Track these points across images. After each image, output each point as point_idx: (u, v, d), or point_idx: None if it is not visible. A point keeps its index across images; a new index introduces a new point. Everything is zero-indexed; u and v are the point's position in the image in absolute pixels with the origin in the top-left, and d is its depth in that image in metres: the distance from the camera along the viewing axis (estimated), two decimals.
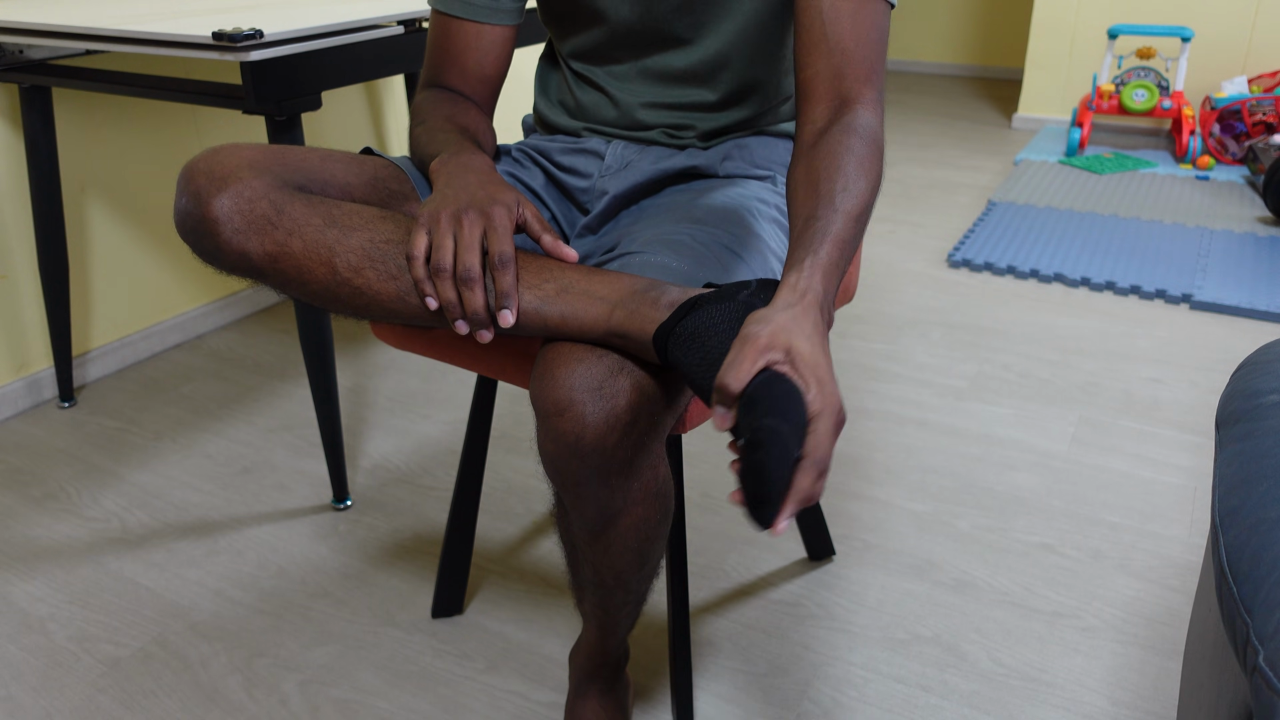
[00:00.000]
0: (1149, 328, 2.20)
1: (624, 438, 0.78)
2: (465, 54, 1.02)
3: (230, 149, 0.84)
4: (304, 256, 0.81)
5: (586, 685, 1.12)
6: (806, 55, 0.88)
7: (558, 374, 0.77)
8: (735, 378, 0.66)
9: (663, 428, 0.83)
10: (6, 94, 1.78)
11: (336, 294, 0.83)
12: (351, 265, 0.82)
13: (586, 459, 0.78)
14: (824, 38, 0.87)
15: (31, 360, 1.93)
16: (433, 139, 0.94)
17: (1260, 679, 0.57)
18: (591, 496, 0.82)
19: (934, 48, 5.09)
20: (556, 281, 0.81)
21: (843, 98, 0.86)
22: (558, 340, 0.81)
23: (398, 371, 2.04)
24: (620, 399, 0.77)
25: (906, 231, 2.83)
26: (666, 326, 0.75)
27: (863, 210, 0.79)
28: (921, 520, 1.54)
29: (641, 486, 0.84)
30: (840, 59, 0.86)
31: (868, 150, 0.82)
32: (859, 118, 0.84)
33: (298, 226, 0.81)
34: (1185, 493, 1.61)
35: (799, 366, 0.67)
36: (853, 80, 0.86)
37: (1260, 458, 0.71)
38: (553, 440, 0.78)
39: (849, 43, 0.86)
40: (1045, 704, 1.20)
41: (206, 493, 1.64)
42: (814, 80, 0.87)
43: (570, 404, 0.76)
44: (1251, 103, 3.29)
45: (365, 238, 0.82)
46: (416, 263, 0.80)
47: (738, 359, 0.67)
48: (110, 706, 1.21)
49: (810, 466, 0.65)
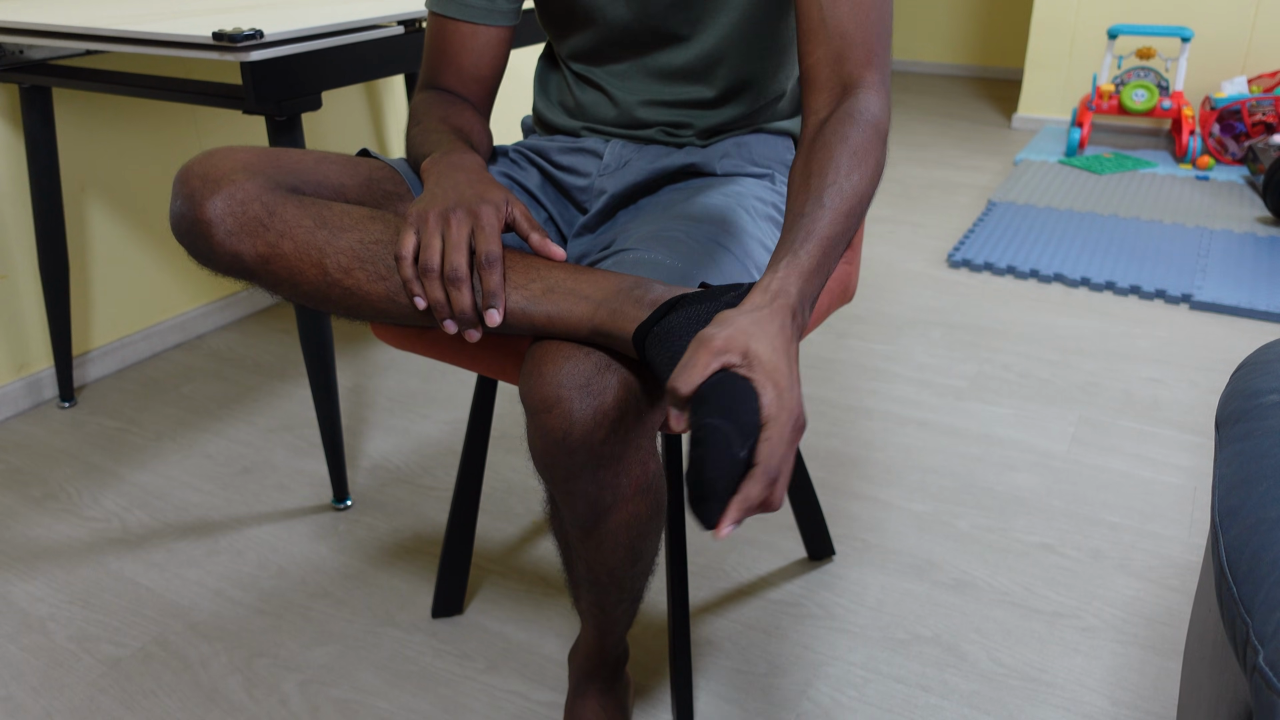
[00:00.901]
0: (1149, 328, 2.20)
1: (611, 434, 0.79)
2: (461, 55, 1.02)
3: (225, 152, 0.85)
4: (295, 258, 0.82)
5: (586, 685, 1.12)
6: (807, 43, 0.88)
7: (545, 371, 0.78)
8: (685, 380, 0.66)
9: (651, 424, 0.84)
10: (6, 94, 1.78)
11: (327, 295, 0.83)
12: (341, 266, 0.82)
13: (574, 454, 0.78)
14: (823, 23, 0.86)
15: (31, 360, 1.93)
16: (426, 139, 0.95)
17: (1260, 679, 0.58)
18: (581, 492, 0.82)
19: (934, 48, 5.09)
20: (543, 281, 0.81)
21: (845, 83, 0.86)
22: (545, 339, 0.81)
23: (398, 371, 2.04)
24: (607, 395, 0.78)
25: (906, 231, 2.83)
26: (646, 325, 0.76)
27: (855, 204, 0.79)
28: (921, 520, 1.54)
29: (631, 483, 0.84)
30: (840, 43, 0.86)
31: (864, 138, 0.81)
32: (860, 102, 0.84)
33: (289, 228, 0.82)
34: (1185, 493, 1.61)
35: (755, 370, 0.66)
36: (854, 64, 0.86)
37: (1260, 458, 0.71)
38: (541, 436, 0.79)
39: (848, 26, 0.86)
40: (1045, 704, 1.20)
41: (206, 493, 1.64)
42: (816, 68, 0.87)
43: (558, 400, 0.77)
44: (1251, 103, 3.29)
45: (355, 238, 0.83)
46: (404, 262, 0.80)
47: (690, 361, 0.67)
48: (110, 706, 1.21)
49: (760, 474, 0.64)
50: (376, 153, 1.22)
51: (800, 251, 0.75)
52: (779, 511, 1.57)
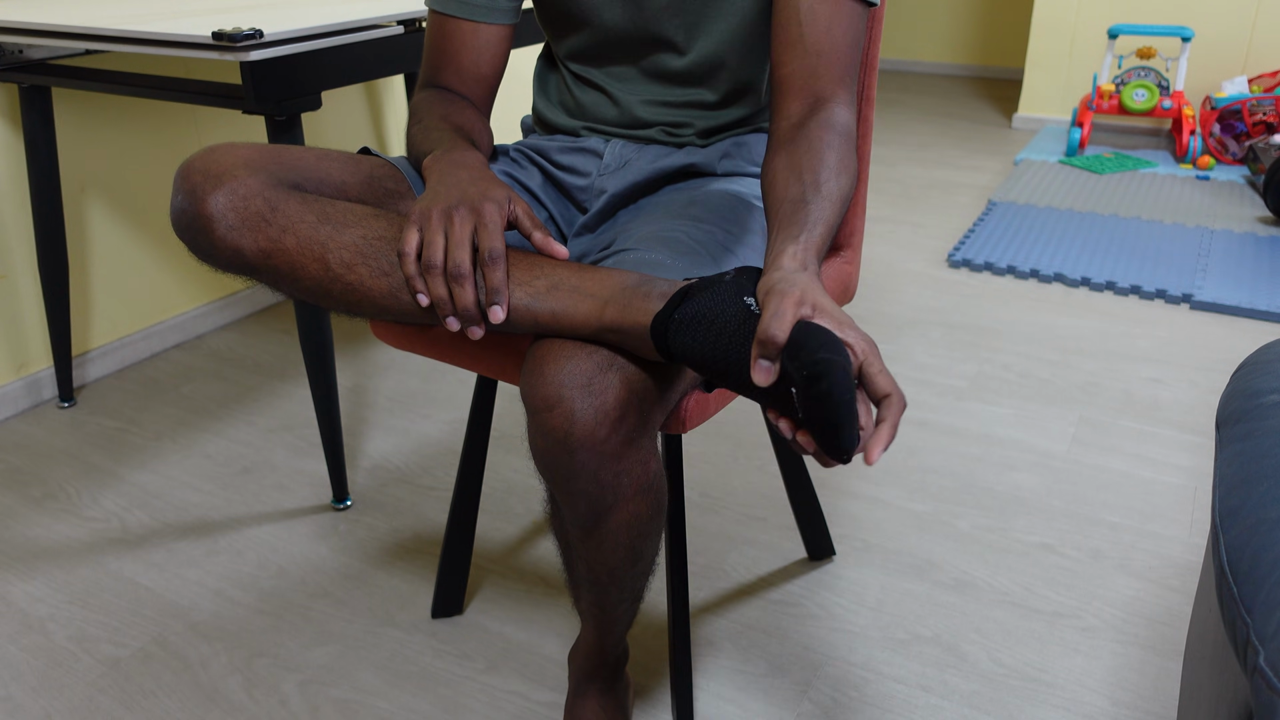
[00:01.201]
0: (1149, 328, 2.20)
1: (613, 433, 0.79)
2: (461, 53, 1.02)
3: (226, 148, 0.85)
4: (297, 253, 0.82)
5: (586, 685, 1.12)
6: (782, 54, 0.91)
7: (547, 370, 0.78)
8: (780, 327, 0.68)
9: (653, 424, 0.84)
10: (6, 94, 1.78)
11: (329, 290, 0.83)
12: (344, 262, 0.82)
13: (575, 454, 0.78)
14: (800, 38, 0.90)
15: (31, 360, 1.93)
16: (427, 137, 0.95)
17: (1260, 679, 0.57)
18: (581, 492, 0.82)
19: (934, 48, 5.09)
20: (547, 278, 0.81)
21: (817, 96, 0.90)
22: (547, 337, 0.81)
23: (398, 371, 2.04)
24: (609, 394, 0.78)
25: (906, 231, 2.83)
26: (664, 315, 0.76)
27: (844, 200, 0.83)
28: (921, 520, 1.54)
29: (632, 482, 0.84)
30: (815, 60, 0.90)
31: (846, 147, 0.86)
32: (835, 115, 0.88)
33: (291, 224, 0.82)
34: (1185, 493, 1.61)
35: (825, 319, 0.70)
36: (827, 80, 0.90)
37: (1260, 458, 0.71)
38: (542, 436, 0.79)
39: (824, 44, 0.90)
40: (1045, 704, 1.20)
41: (206, 493, 1.64)
42: (790, 79, 0.91)
43: (559, 400, 0.77)
44: (1251, 103, 3.29)
45: (358, 235, 0.83)
46: (407, 259, 0.80)
47: (779, 310, 0.69)
48: (110, 706, 1.21)
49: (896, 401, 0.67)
50: (377, 151, 1.22)
51: (815, 230, 0.78)
52: (779, 511, 1.57)
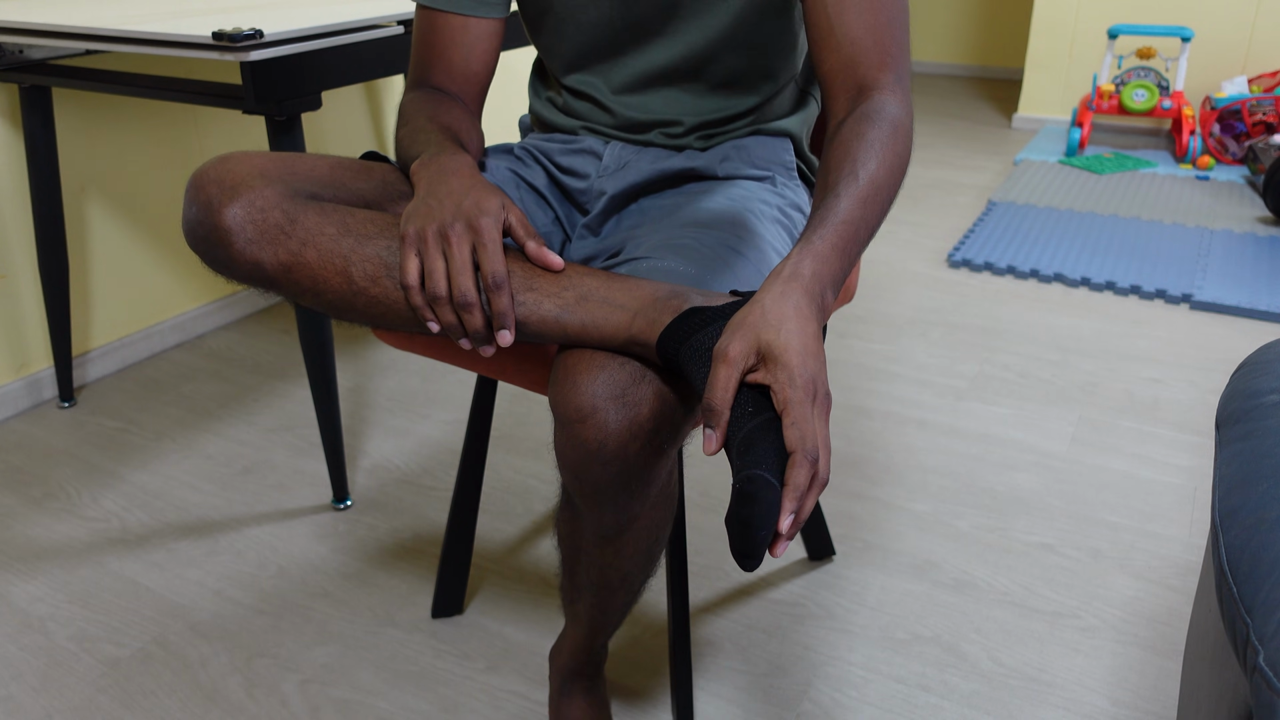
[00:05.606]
0: (1149, 328, 2.20)
1: (645, 446, 0.77)
2: (451, 49, 0.99)
3: (240, 157, 0.83)
4: (319, 266, 0.80)
5: (571, 684, 1.12)
6: (819, 51, 0.88)
7: (579, 380, 0.76)
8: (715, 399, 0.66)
9: (682, 435, 0.82)
10: (6, 94, 1.78)
11: (353, 304, 0.81)
12: (368, 275, 0.80)
13: (608, 466, 0.76)
14: (831, 32, 0.86)
15: (31, 360, 1.93)
16: (414, 140, 0.92)
17: (1260, 679, 0.57)
18: (610, 503, 0.81)
19: (934, 48, 5.08)
20: (575, 290, 0.79)
21: (859, 87, 0.86)
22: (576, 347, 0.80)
23: (398, 371, 2.04)
24: (643, 407, 0.76)
25: (906, 231, 2.83)
26: (668, 332, 0.74)
27: (872, 192, 0.78)
28: (921, 520, 1.54)
29: (657, 490, 0.83)
30: (851, 50, 0.86)
31: (880, 133, 0.81)
32: (874, 103, 0.84)
33: (311, 236, 0.80)
34: (1185, 493, 1.61)
35: (770, 366, 0.67)
36: (867, 69, 0.86)
37: (1260, 458, 0.71)
38: (574, 447, 0.77)
39: (857, 32, 0.86)
40: (1045, 704, 1.20)
41: (206, 493, 1.64)
42: (830, 75, 0.87)
43: (593, 411, 0.75)
44: (1251, 103, 3.28)
45: (381, 246, 0.80)
46: (413, 291, 0.78)
47: (712, 380, 0.67)
48: (110, 706, 1.21)
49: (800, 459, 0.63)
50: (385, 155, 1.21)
51: (814, 236, 0.74)
52: None
